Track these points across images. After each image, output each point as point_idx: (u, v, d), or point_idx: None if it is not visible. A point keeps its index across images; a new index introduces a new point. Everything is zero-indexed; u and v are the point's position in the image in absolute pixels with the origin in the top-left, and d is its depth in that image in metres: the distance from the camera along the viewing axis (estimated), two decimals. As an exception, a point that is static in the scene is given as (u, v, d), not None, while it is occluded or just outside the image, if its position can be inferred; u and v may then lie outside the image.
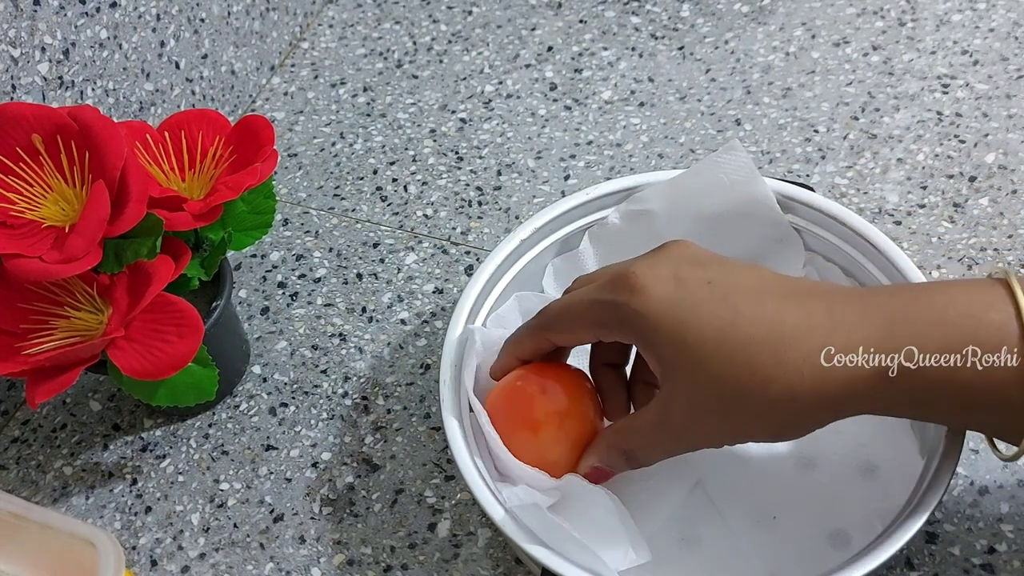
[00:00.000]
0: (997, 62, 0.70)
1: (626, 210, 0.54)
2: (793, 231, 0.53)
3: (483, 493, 0.43)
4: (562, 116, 0.71)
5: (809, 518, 0.47)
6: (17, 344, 0.46)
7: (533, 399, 0.47)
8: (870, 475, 0.48)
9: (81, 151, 0.45)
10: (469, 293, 0.51)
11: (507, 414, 0.47)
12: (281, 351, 0.60)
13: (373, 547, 0.51)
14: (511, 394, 0.48)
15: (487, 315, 0.52)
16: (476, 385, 0.48)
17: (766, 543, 0.47)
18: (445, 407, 0.47)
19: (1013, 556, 0.47)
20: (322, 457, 0.55)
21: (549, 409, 0.47)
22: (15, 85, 0.55)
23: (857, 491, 0.48)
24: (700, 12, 0.78)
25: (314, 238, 0.66)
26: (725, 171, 0.52)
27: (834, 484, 0.48)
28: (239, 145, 0.51)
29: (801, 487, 0.48)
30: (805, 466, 0.49)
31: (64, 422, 0.58)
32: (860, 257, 0.52)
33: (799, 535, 0.47)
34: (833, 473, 0.49)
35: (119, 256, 0.46)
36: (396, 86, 0.76)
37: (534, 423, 0.46)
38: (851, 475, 0.48)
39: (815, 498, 0.48)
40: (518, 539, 0.41)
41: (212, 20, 0.70)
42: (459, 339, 0.49)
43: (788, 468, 0.49)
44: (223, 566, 0.51)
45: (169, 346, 0.45)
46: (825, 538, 0.46)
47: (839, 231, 0.52)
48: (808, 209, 0.53)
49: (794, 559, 0.46)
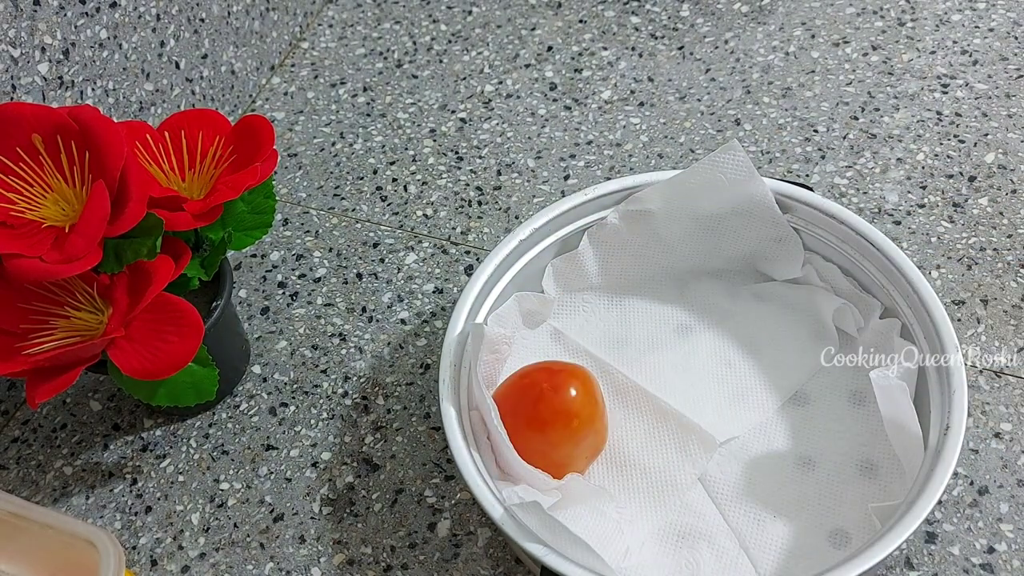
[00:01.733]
0: (997, 62, 0.70)
1: (625, 210, 0.54)
2: (792, 231, 0.53)
3: (482, 492, 0.43)
4: (562, 116, 0.71)
5: (809, 517, 0.47)
6: (17, 344, 0.46)
7: (542, 397, 0.47)
8: (870, 474, 0.48)
9: (81, 151, 0.45)
10: (469, 293, 0.51)
11: (515, 411, 0.46)
12: (281, 351, 0.60)
13: (373, 547, 0.51)
14: (520, 391, 0.48)
15: (487, 315, 0.52)
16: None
17: (766, 542, 0.47)
18: (445, 406, 0.47)
19: (1013, 556, 0.47)
20: (322, 457, 0.55)
21: (558, 409, 0.46)
22: (15, 85, 0.55)
23: (857, 490, 0.48)
24: (700, 12, 0.78)
25: (314, 238, 0.66)
26: (723, 171, 0.52)
27: (834, 483, 0.48)
28: (239, 145, 0.51)
29: (801, 486, 0.49)
30: (805, 465, 0.49)
31: (64, 422, 0.58)
32: (859, 257, 0.52)
33: (799, 534, 0.47)
34: (833, 472, 0.49)
35: (119, 256, 0.46)
36: (396, 86, 0.76)
37: (542, 422, 0.46)
38: (851, 474, 0.48)
39: (815, 497, 0.48)
40: (517, 537, 0.42)
41: (212, 20, 0.70)
42: (458, 339, 0.49)
43: (788, 467, 0.49)
44: (223, 566, 0.51)
45: (169, 346, 0.45)
46: (825, 537, 0.46)
47: (838, 231, 0.52)
48: (807, 208, 0.53)
49: (794, 558, 0.46)
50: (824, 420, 0.51)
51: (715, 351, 0.54)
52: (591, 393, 0.48)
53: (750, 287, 0.56)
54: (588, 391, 0.47)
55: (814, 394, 0.52)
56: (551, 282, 0.56)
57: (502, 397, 0.47)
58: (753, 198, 0.52)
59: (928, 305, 0.48)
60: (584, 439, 0.47)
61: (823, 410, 0.51)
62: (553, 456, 0.47)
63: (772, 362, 0.53)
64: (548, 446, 0.47)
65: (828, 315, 0.53)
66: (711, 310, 0.56)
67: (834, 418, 0.51)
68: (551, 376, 0.47)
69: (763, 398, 0.52)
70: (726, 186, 0.52)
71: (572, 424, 0.47)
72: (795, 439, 0.50)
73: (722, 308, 0.56)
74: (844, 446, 0.50)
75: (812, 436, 0.50)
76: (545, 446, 0.47)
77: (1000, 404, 0.52)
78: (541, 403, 0.46)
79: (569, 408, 0.46)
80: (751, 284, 0.56)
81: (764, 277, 0.56)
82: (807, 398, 0.52)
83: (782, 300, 0.55)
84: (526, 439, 0.46)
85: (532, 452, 0.46)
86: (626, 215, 0.55)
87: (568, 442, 0.47)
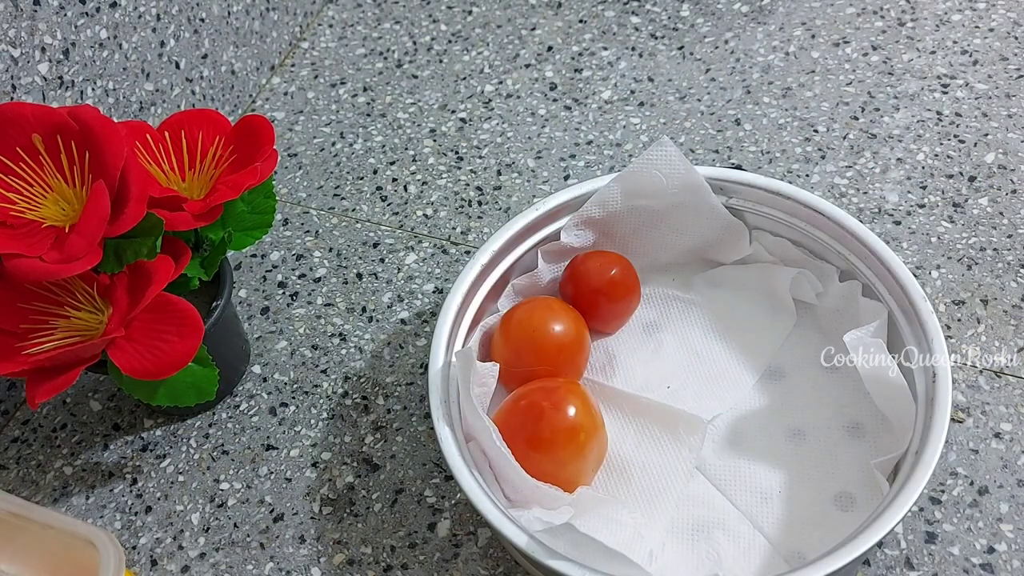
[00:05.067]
0: (997, 62, 0.70)
1: (573, 224, 0.55)
2: (731, 215, 0.54)
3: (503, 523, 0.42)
4: (562, 116, 0.71)
5: (811, 486, 0.48)
6: (17, 344, 0.46)
7: (544, 417, 0.46)
8: (858, 433, 0.50)
9: (81, 151, 0.45)
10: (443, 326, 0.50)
11: (517, 435, 0.46)
12: (281, 351, 0.60)
13: (373, 547, 0.51)
14: (520, 414, 0.47)
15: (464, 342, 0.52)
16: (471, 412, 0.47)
17: (776, 517, 0.48)
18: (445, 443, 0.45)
19: (1013, 556, 0.47)
20: (322, 457, 0.55)
21: (563, 426, 0.46)
22: (15, 85, 0.55)
23: (849, 451, 0.49)
24: (700, 12, 0.78)
25: (314, 238, 0.66)
26: (658, 167, 0.53)
27: (827, 449, 0.50)
28: (239, 145, 0.51)
29: (797, 457, 0.50)
30: (795, 436, 0.50)
31: (64, 422, 0.58)
32: (808, 227, 0.53)
33: (806, 504, 0.48)
34: (823, 438, 0.50)
35: (119, 256, 0.46)
36: (396, 86, 0.76)
37: (549, 442, 0.46)
38: (841, 437, 0.50)
39: (812, 465, 0.49)
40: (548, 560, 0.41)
41: (212, 20, 0.70)
42: (442, 373, 0.48)
43: (780, 442, 0.50)
44: (223, 566, 0.51)
45: (169, 346, 0.45)
46: (831, 502, 0.47)
47: (783, 205, 0.53)
48: (749, 189, 0.54)
49: (807, 528, 0.47)
50: (803, 390, 0.52)
51: (682, 343, 0.55)
52: (589, 404, 0.48)
53: (702, 275, 0.57)
54: (587, 403, 0.47)
55: (788, 366, 0.53)
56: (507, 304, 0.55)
57: (501, 424, 0.47)
58: (691, 189, 0.53)
59: (886, 261, 0.49)
60: (591, 451, 0.47)
61: (800, 381, 0.53)
62: (562, 474, 0.46)
63: (739, 344, 0.54)
64: (557, 465, 0.46)
65: (783, 288, 0.54)
66: (670, 304, 0.57)
67: (812, 386, 0.52)
68: (549, 394, 0.47)
69: (738, 377, 0.53)
70: (663, 182, 0.53)
71: (578, 438, 0.46)
72: (781, 413, 0.52)
73: (680, 300, 0.57)
74: (828, 412, 0.51)
75: (796, 407, 0.52)
76: (554, 465, 0.46)
77: (1000, 404, 0.52)
78: (544, 423, 0.46)
79: (573, 424, 0.46)
80: (702, 272, 0.57)
81: (713, 263, 0.57)
82: (782, 372, 0.53)
83: (735, 282, 0.56)
84: (534, 462, 0.45)
85: (541, 474, 0.45)
86: (575, 228, 0.55)
87: (576, 457, 0.47)
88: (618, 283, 0.53)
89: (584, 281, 0.54)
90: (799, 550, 0.46)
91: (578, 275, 0.54)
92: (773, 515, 0.48)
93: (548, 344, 0.51)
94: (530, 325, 0.52)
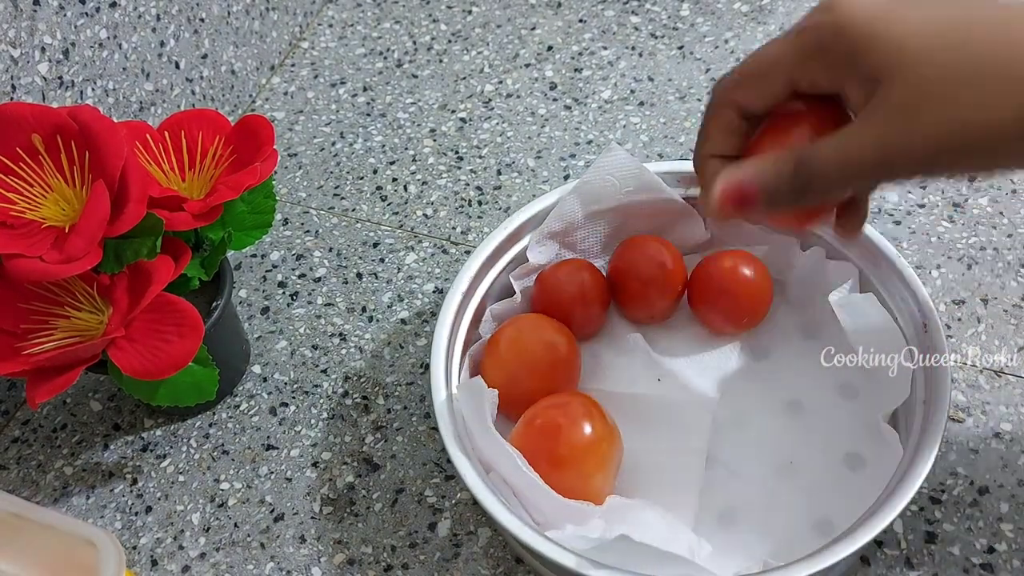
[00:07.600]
0: (997, 61, 0.70)
1: (536, 241, 0.55)
2: (687, 205, 0.55)
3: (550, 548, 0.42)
4: (562, 115, 0.71)
5: (822, 451, 0.49)
6: (17, 344, 0.46)
7: (562, 434, 0.46)
8: (850, 393, 0.51)
9: (81, 151, 0.45)
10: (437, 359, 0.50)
11: (537, 457, 0.45)
12: (281, 351, 0.60)
13: (374, 546, 0.51)
14: (537, 434, 0.47)
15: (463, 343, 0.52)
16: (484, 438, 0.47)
17: (795, 487, 0.48)
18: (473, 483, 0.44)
19: (1013, 556, 0.47)
20: (322, 457, 0.55)
21: (583, 441, 0.46)
22: (15, 85, 0.55)
23: (847, 410, 0.50)
24: (700, 11, 0.78)
25: (314, 238, 0.66)
26: (611, 173, 0.54)
27: (825, 414, 0.51)
28: (239, 145, 0.51)
29: (800, 428, 0.51)
30: (792, 408, 0.52)
31: (64, 422, 0.58)
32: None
33: (820, 469, 0.49)
34: (819, 407, 0.51)
35: (119, 256, 0.46)
36: (396, 86, 0.76)
37: (572, 459, 0.46)
38: (835, 401, 0.51)
39: (817, 432, 0.50)
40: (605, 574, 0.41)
41: (212, 20, 0.70)
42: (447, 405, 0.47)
43: (780, 416, 0.51)
44: (224, 566, 0.51)
45: (169, 346, 0.45)
46: (842, 463, 0.49)
47: None
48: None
49: (825, 493, 0.48)
50: (790, 364, 0.53)
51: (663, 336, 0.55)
52: (603, 413, 0.47)
53: None
54: (600, 413, 0.47)
55: (770, 344, 0.54)
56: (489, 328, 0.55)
57: (519, 448, 0.46)
58: (645, 187, 0.54)
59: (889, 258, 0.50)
60: (612, 461, 0.47)
61: (785, 355, 0.54)
62: (589, 488, 0.46)
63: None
64: (582, 480, 0.46)
65: None
66: None
67: (798, 358, 0.53)
68: (564, 411, 0.47)
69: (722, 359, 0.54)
70: (617, 185, 0.54)
71: (600, 449, 0.46)
72: (774, 389, 0.52)
73: None
74: (818, 379, 0.52)
75: (787, 381, 0.53)
76: (579, 480, 0.46)
77: (1000, 404, 0.52)
78: (563, 440, 0.46)
79: (593, 436, 0.46)
80: None
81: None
82: (767, 351, 0.54)
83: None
84: (558, 480, 0.45)
85: (567, 491, 0.45)
86: (540, 244, 0.55)
87: (601, 469, 0.46)
88: (588, 289, 0.53)
89: (555, 293, 0.53)
90: (826, 517, 0.47)
91: (549, 287, 0.54)
92: (791, 488, 0.48)
93: (542, 361, 0.50)
94: (521, 346, 0.51)
